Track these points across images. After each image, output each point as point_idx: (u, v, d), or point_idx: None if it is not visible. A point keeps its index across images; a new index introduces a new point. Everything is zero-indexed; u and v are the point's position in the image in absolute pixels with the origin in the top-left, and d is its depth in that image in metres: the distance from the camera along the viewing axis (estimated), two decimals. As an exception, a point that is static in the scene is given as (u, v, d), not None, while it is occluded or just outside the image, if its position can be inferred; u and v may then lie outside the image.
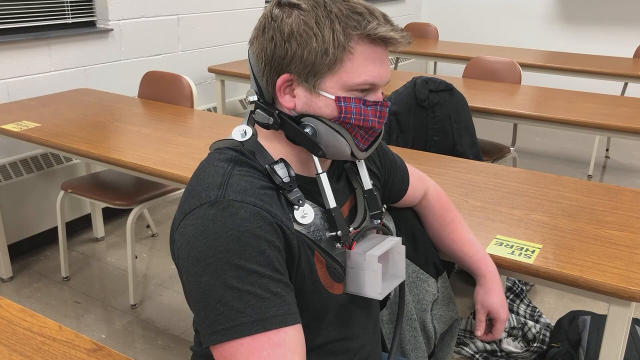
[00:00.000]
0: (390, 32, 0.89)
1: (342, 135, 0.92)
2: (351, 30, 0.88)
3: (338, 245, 0.97)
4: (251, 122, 0.98)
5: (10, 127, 2.26)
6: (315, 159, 0.95)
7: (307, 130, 0.92)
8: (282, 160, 0.94)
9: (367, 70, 0.90)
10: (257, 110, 0.96)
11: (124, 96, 2.79)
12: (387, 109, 0.95)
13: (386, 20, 0.91)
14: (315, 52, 0.88)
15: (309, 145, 0.93)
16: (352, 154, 0.94)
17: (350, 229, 1.00)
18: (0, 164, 2.68)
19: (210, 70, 3.48)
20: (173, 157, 1.96)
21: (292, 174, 0.93)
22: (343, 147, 0.93)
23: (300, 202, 0.92)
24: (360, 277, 0.97)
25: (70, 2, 2.93)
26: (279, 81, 0.91)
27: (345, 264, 0.98)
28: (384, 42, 0.90)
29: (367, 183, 1.06)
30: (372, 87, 0.92)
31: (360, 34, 0.88)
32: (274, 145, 0.96)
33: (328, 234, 0.96)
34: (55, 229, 2.91)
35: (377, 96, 0.94)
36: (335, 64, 0.89)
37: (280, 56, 0.90)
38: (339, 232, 0.95)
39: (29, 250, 2.88)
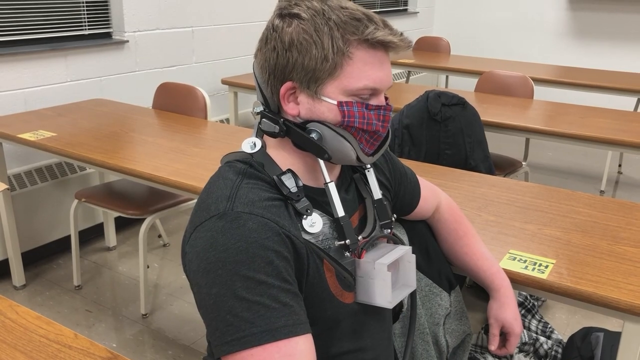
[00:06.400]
0: (389, 36, 0.90)
1: (347, 139, 0.93)
2: (350, 36, 0.90)
3: (347, 254, 0.97)
4: (260, 134, 1.00)
5: (26, 136, 2.29)
6: (323, 167, 0.96)
7: (313, 135, 0.93)
8: (289, 170, 0.95)
9: (367, 74, 0.91)
10: (264, 119, 0.97)
11: (138, 107, 2.82)
12: (391, 112, 0.96)
13: (385, 24, 0.92)
14: (315, 59, 0.89)
15: (315, 149, 0.94)
16: (358, 158, 0.95)
17: (360, 238, 1.01)
18: (15, 172, 2.71)
19: (224, 82, 3.51)
20: (186, 168, 1.98)
21: (300, 184, 0.94)
22: (348, 152, 0.94)
23: (308, 211, 0.93)
24: (370, 286, 0.98)
25: (87, 13, 2.98)
26: (283, 89, 0.93)
27: (355, 273, 0.98)
28: (383, 46, 0.92)
29: (377, 192, 1.06)
30: (373, 92, 0.93)
31: (358, 39, 0.90)
32: (283, 155, 0.97)
33: (337, 243, 0.96)
34: (68, 237, 2.94)
35: (379, 100, 0.95)
36: (335, 70, 0.90)
37: (282, 65, 0.92)
38: (347, 241, 0.96)
39: (42, 258, 2.90)
